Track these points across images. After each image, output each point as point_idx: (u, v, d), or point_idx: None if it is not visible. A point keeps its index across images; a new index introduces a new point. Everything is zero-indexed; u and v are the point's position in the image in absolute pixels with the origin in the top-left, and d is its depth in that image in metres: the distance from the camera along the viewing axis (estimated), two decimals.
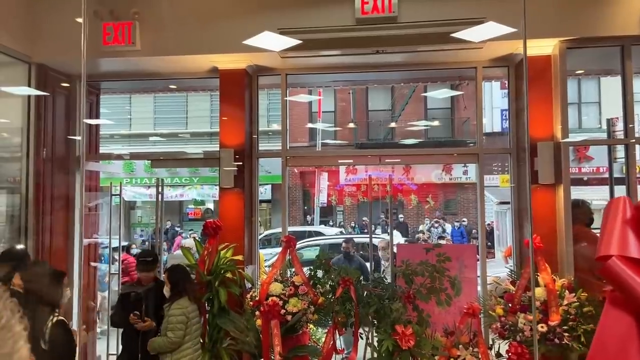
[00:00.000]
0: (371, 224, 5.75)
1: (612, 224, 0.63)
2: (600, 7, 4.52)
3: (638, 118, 15.61)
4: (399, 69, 5.68)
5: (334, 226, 16.68)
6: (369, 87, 17.32)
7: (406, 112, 17.44)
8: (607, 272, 0.60)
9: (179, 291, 3.95)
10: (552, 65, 4.76)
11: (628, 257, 0.61)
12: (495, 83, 15.06)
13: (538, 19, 4.53)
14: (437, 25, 4.55)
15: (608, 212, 0.64)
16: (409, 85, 15.84)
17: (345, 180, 17.39)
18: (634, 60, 4.86)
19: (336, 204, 17.50)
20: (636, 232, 0.61)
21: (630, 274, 0.60)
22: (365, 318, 4.38)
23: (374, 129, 18.03)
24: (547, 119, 4.78)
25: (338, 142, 17.04)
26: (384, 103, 18.26)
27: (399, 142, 16.56)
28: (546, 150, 4.67)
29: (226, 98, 5.25)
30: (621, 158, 7.36)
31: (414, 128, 16.83)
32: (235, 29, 4.82)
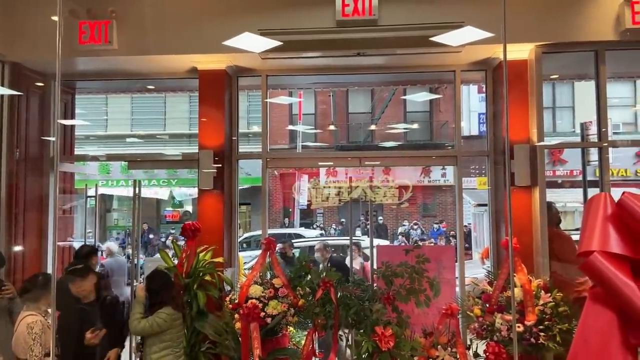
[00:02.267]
0: (351, 226, 5.76)
1: (593, 220, 0.64)
2: (575, 13, 4.64)
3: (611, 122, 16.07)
4: (378, 71, 5.72)
5: (315, 228, 16.67)
6: (349, 89, 17.42)
7: (386, 114, 17.55)
8: (589, 267, 0.61)
9: (159, 301, 3.75)
10: (528, 69, 4.85)
11: (609, 252, 0.62)
12: (473, 87, 15.28)
13: (515, 24, 4.61)
14: (417, 28, 4.60)
15: (589, 209, 0.65)
16: (389, 88, 15.99)
17: (325, 182, 17.40)
18: (608, 65, 5.00)
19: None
20: (617, 229, 0.62)
21: (612, 269, 0.61)
22: (345, 320, 4.38)
23: (354, 131, 18.11)
24: (524, 122, 4.87)
25: (318, 145, 17.04)
26: (364, 106, 18.36)
27: (378, 144, 16.66)
28: (522, 153, 4.76)
29: (205, 99, 5.20)
30: (594, 161, 7.55)
31: (394, 131, 16.95)
32: (215, 29, 4.78)
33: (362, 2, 4.58)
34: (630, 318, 0.57)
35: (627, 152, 15.37)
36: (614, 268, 0.58)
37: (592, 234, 0.60)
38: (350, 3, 4.60)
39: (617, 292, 0.57)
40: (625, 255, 0.57)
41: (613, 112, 16.71)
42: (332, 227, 16.85)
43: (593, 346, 0.59)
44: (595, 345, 0.59)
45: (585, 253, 0.60)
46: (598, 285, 0.60)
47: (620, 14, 4.49)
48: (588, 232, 0.60)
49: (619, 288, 0.58)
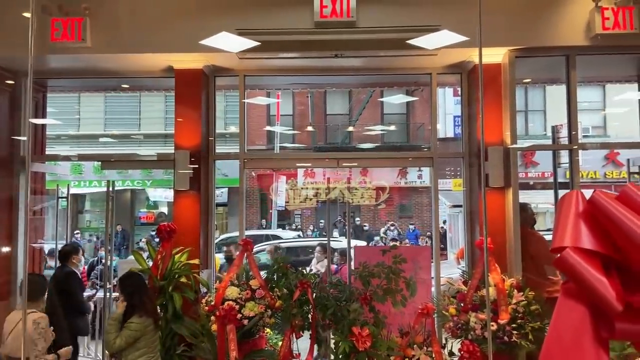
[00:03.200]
0: (329, 227, 5.77)
1: (565, 217, 0.67)
2: (547, 18, 4.75)
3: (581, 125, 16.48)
4: (356, 73, 5.75)
5: (293, 229, 16.64)
6: (327, 90, 17.46)
7: (363, 116, 17.65)
8: (562, 263, 0.63)
9: (131, 304, 3.66)
10: (502, 73, 4.95)
11: (581, 248, 0.64)
12: (449, 90, 15.50)
13: (489, 28, 4.68)
14: (394, 31, 4.64)
15: (561, 206, 0.68)
16: (367, 90, 16.08)
17: (303, 184, 17.39)
18: (579, 70, 5.14)
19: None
20: (588, 225, 0.64)
21: (584, 265, 0.63)
22: (322, 320, 4.39)
23: (332, 132, 18.15)
24: (497, 125, 4.97)
25: (296, 146, 17.02)
26: (342, 107, 18.42)
27: (356, 146, 16.73)
28: (496, 155, 4.85)
29: (182, 98, 5.14)
30: (565, 163, 7.73)
31: (371, 132, 17.06)
32: (191, 28, 4.73)
33: (340, 3, 4.60)
34: (601, 312, 0.59)
35: (596, 155, 15.81)
36: (585, 263, 0.60)
37: (565, 230, 0.62)
38: (329, 4, 4.62)
39: (589, 287, 0.59)
40: (596, 251, 0.59)
41: (583, 116, 17.13)
42: (310, 229, 16.85)
43: (565, 341, 0.61)
44: (568, 339, 0.60)
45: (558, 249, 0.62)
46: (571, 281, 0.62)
47: (591, 19, 4.62)
48: (560, 228, 0.62)
49: (591, 283, 0.60)
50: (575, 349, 0.64)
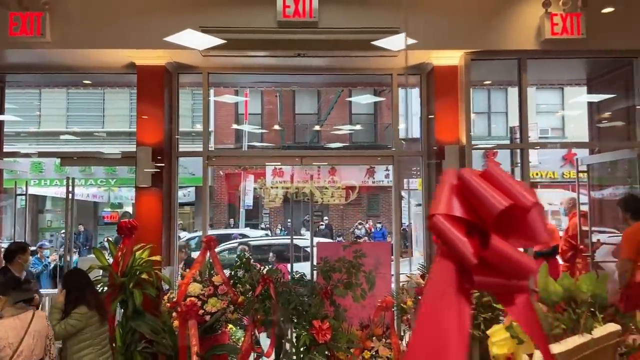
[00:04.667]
0: (292, 226, 5.85)
1: (441, 189, 0.80)
2: (501, 23, 4.97)
3: (537, 126, 16.96)
4: (322, 72, 5.85)
5: (262, 229, 16.64)
6: (296, 90, 17.53)
7: (332, 116, 17.81)
8: (433, 226, 0.75)
9: (74, 299, 3.69)
10: (458, 75, 5.14)
11: (450, 215, 0.77)
12: (415, 90, 15.82)
13: (445, 32, 4.90)
14: (355, 32, 4.76)
15: (441, 181, 0.81)
16: (335, 89, 16.24)
17: (272, 183, 17.41)
18: (537, 73, 5.38)
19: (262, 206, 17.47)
20: (457, 197, 0.77)
21: (449, 227, 0.76)
22: (285, 315, 4.46)
23: (300, 132, 18.23)
24: (454, 125, 5.16)
25: (265, 145, 17.03)
26: (311, 107, 18.53)
27: (324, 145, 16.86)
28: (452, 154, 5.03)
29: (144, 95, 5.12)
30: (519, 163, 8.01)
31: (339, 132, 17.24)
32: (153, 24, 4.73)
33: (302, 4, 4.69)
34: (464, 268, 0.72)
35: (555, 156, 16.43)
36: (451, 226, 0.72)
37: (439, 200, 0.75)
38: (291, 4, 4.70)
39: (452, 245, 0.72)
40: (462, 218, 0.72)
41: (542, 118, 17.85)
42: (278, 227, 16.88)
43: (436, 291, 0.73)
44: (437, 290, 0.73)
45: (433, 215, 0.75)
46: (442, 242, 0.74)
47: (541, 25, 4.86)
48: (436, 199, 0.75)
49: (453, 242, 0.72)
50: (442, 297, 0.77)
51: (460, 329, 0.75)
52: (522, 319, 0.89)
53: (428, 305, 0.82)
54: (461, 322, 0.76)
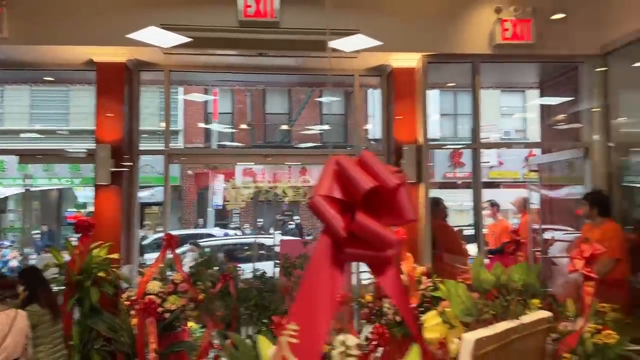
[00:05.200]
0: (263, 225, 5.91)
1: (324, 174, 0.90)
2: (455, 27, 5.16)
3: (498, 128, 17.38)
4: (289, 72, 5.93)
5: (232, 228, 16.58)
6: (267, 89, 17.55)
7: (303, 116, 17.90)
8: (312, 205, 0.86)
9: (26, 297, 3.69)
10: (416, 77, 5.30)
11: (328, 195, 0.88)
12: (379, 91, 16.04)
13: (403, 35, 5.06)
14: (316, 33, 4.84)
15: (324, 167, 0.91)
16: (305, 89, 16.33)
17: (242, 182, 17.36)
18: (499, 77, 5.57)
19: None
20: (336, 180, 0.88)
21: (327, 207, 0.87)
22: (245, 312, 4.53)
23: (271, 131, 18.25)
24: (412, 125, 5.31)
25: (234, 144, 16.97)
26: (281, 106, 18.58)
27: (294, 145, 16.94)
28: (410, 153, 5.19)
29: (103, 92, 5.09)
30: (484, 162, 8.28)
31: (310, 132, 17.37)
32: (113, 20, 4.71)
33: (263, 4, 4.76)
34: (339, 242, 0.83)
35: (519, 156, 16.93)
36: (328, 205, 0.83)
37: (322, 183, 0.85)
38: (253, 4, 4.76)
39: (327, 222, 0.83)
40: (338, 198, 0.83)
41: (506, 120, 18.40)
42: (246, 227, 16.84)
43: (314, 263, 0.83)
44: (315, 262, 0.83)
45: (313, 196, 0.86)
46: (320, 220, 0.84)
47: (493, 30, 5.07)
48: (319, 182, 0.85)
49: (328, 219, 0.83)
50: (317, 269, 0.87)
51: (331, 296, 0.85)
52: (391, 289, 1.00)
53: (308, 274, 0.92)
54: (333, 290, 0.86)
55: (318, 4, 4.98)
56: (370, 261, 0.95)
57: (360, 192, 0.87)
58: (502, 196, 12.60)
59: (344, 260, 0.89)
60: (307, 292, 0.88)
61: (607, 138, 5.32)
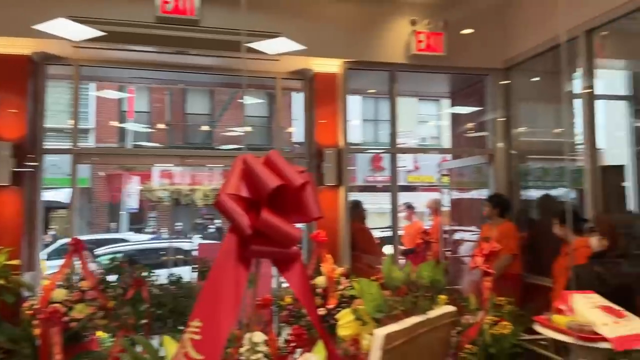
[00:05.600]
0: (174, 229, 5.73)
1: (231, 173, 0.92)
2: (374, 36, 5.36)
3: (415, 134, 18.24)
4: (211, 72, 5.81)
5: (148, 232, 15.88)
6: (188, 89, 17.05)
7: (226, 117, 17.61)
8: (218, 204, 0.88)
9: None
10: (336, 82, 5.43)
11: (235, 194, 0.90)
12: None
13: (325, 40, 5.17)
14: (237, 34, 4.80)
15: (232, 166, 0.93)
16: (228, 90, 16.09)
17: (159, 185, 16.69)
18: (416, 86, 5.81)
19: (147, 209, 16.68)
20: (243, 179, 0.91)
21: (233, 205, 0.89)
22: (160, 318, 4.36)
23: (191, 132, 17.74)
24: (333, 129, 5.44)
25: (151, 145, 16.29)
26: (203, 107, 18.13)
27: (216, 147, 16.61)
28: (331, 157, 5.30)
29: (5, 86, 4.67)
30: (401, 167, 8.58)
31: (233, 134, 17.11)
32: (17, 10, 4.36)
33: (183, 1, 4.64)
34: (245, 239, 0.86)
35: (434, 161, 17.87)
36: (234, 204, 0.85)
37: (229, 182, 0.87)
38: (171, 0, 4.62)
39: (233, 219, 0.85)
40: (245, 197, 0.86)
41: (422, 127, 19.39)
42: (163, 232, 16.23)
43: (220, 261, 0.85)
44: (221, 259, 0.85)
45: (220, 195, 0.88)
46: (226, 218, 0.86)
47: (409, 41, 5.33)
48: (226, 181, 0.87)
49: (234, 216, 0.85)
50: (224, 264, 0.89)
51: (236, 292, 0.87)
52: (295, 284, 1.04)
53: (214, 271, 0.93)
54: (237, 287, 0.88)
55: (239, 5, 4.95)
56: (275, 258, 0.97)
57: (266, 191, 0.89)
58: (418, 199, 13.24)
59: (250, 257, 0.91)
60: (211, 288, 0.89)
61: (509, 146, 5.79)
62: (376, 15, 5.37)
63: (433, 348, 2.38)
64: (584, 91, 4.59)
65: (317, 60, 5.31)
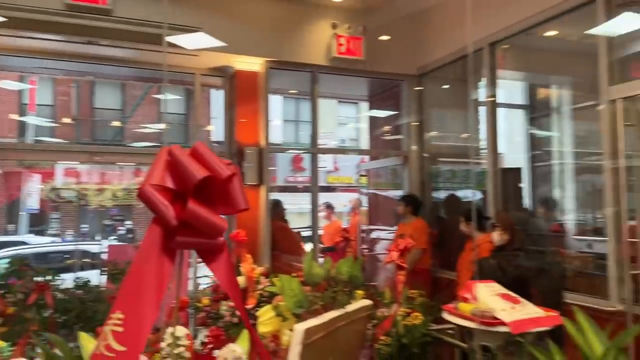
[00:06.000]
0: (80, 231, 5.38)
1: (155, 164, 0.91)
2: (296, 37, 5.42)
3: (334, 135, 18.64)
4: (119, 64, 5.51)
5: (51, 235, 14.70)
6: (97, 82, 16.06)
7: (138, 113, 16.80)
8: (141, 194, 0.87)
9: None
10: (258, 81, 5.41)
11: (159, 185, 0.89)
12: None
13: (247, 38, 5.13)
14: (153, 26, 4.61)
15: (156, 157, 0.92)
16: (142, 84, 15.37)
17: (63, 184, 15.52)
18: (336, 88, 5.90)
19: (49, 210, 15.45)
20: (169, 170, 0.90)
21: (157, 196, 0.89)
22: (67, 324, 4.09)
23: (100, 128, 16.71)
24: (255, 128, 5.41)
25: (55, 140, 15.10)
26: (114, 101, 17.16)
27: (127, 144, 15.80)
28: (252, 156, 5.28)
29: None
30: (322, 167, 8.75)
31: (146, 130, 16.35)
32: None
33: None
34: (170, 230, 0.86)
35: (353, 162, 18.38)
36: (158, 194, 0.85)
37: (153, 173, 0.86)
38: None
39: (158, 211, 0.85)
40: (169, 187, 0.86)
41: (342, 129, 19.86)
42: (68, 234, 15.14)
43: (143, 252, 0.85)
44: (145, 250, 0.85)
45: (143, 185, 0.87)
46: (149, 209, 0.86)
47: (330, 44, 5.45)
48: (150, 171, 0.86)
49: (159, 208, 0.85)
50: (148, 256, 0.88)
51: (159, 284, 0.86)
52: (221, 275, 1.05)
53: (137, 262, 0.91)
54: (161, 278, 0.87)
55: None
56: (202, 249, 0.97)
57: (192, 182, 0.88)
58: (338, 199, 13.53)
59: (174, 249, 0.90)
60: (134, 280, 0.87)
61: (422, 149, 6.12)
62: (299, 16, 5.43)
63: (350, 341, 2.46)
64: (488, 99, 4.98)
65: (238, 57, 5.26)
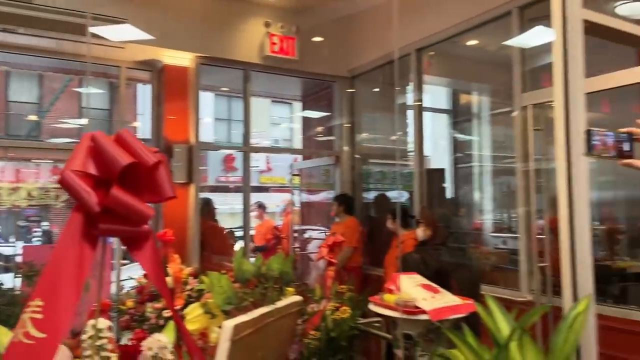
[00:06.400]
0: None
1: (77, 150, 0.89)
2: (228, 33, 5.35)
3: (267, 135, 18.59)
4: (37, 54, 5.15)
5: None
6: (12, 73, 14.93)
7: (57, 107, 15.78)
8: (62, 180, 0.84)
9: None
10: (188, 76, 5.28)
11: (84, 172, 0.88)
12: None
13: (177, 32, 5.00)
14: (77, 15, 4.38)
15: (79, 143, 0.90)
16: (62, 77, 14.46)
17: None
18: (269, 88, 5.88)
19: None
20: (92, 156, 0.89)
21: (79, 182, 0.87)
22: None
23: (14, 123, 15.52)
24: (184, 125, 5.27)
25: None
26: (30, 94, 16.00)
27: (45, 140, 14.80)
28: (181, 153, 5.14)
29: None
30: (254, 167, 8.67)
31: (66, 126, 15.38)
32: None
33: None
34: (92, 217, 0.84)
35: (286, 163, 18.41)
36: (79, 180, 0.83)
37: (74, 159, 0.85)
38: None
39: (79, 197, 0.84)
40: (92, 174, 0.84)
41: (276, 129, 19.82)
42: None
43: (63, 240, 0.83)
44: (65, 239, 0.83)
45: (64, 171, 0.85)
46: (71, 196, 0.84)
47: (263, 42, 5.44)
48: (72, 157, 0.85)
49: (81, 194, 0.84)
50: (67, 244, 0.86)
51: (80, 272, 0.84)
52: (147, 263, 1.03)
53: (57, 250, 0.88)
54: (81, 266, 0.85)
55: None
56: (126, 236, 0.95)
57: (117, 168, 0.87)
58: (270, 199, 13.48)
59: (96, 236, 0.88)
60: (54, 267, 0.84)
61: (353, 150, 6.27)
62: (231, 12, 5.36)
63: (280, 336, 2.48)
64: (415, 103, 5.20)
65: (167, 51, 5.11)
